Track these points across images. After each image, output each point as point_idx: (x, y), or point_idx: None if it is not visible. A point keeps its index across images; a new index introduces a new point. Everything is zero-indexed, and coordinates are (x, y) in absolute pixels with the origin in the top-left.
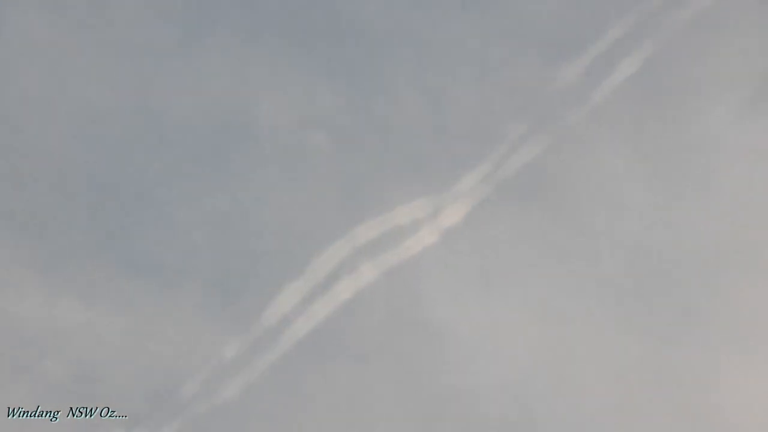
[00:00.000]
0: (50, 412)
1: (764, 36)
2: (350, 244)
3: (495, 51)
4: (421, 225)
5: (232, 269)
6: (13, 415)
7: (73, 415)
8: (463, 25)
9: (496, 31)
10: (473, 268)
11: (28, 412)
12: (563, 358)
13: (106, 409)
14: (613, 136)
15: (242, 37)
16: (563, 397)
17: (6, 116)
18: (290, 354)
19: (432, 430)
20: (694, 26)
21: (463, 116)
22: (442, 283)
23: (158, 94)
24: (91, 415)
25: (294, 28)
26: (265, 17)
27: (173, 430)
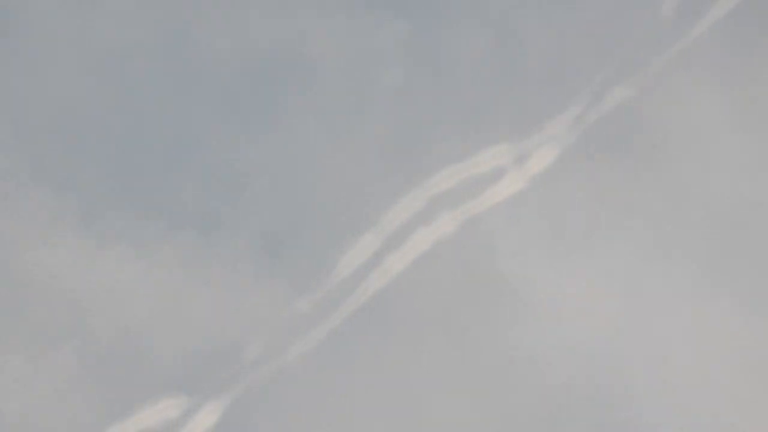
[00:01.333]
0: (96, 373)
1: None
2: (426, 194)
3: None
4: (502, 174)
5: (293, 222)
6: (58, 377)
7: (120, 378)
8: None
9: None
10: (554, 222)
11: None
12: (644, 325)
13: (156, 371)
14: (705, 82)
15: None
16: (641, 363)
17: (35, 60)
18: (360, 312)
19: (500, 390)
20: None
21: (542, 59)
22: (520, 238)
23: (199, 31)
24: (139, 378)
25: None
26: None
27: (232, 394)
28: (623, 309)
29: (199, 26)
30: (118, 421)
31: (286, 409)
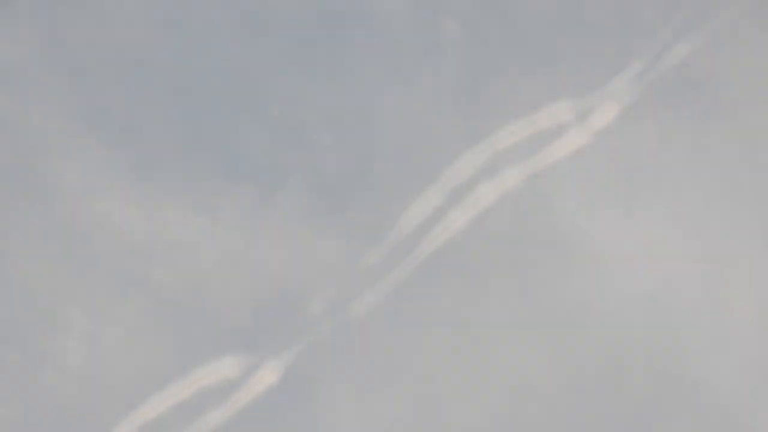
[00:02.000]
0: (158, 329)
1: None
2: (489, 149)
3: None
4: (564, 130)
5: (356, 175)
6: (120, 332)
7: (181, 334)
8: None
9: None
10: (616, 177)
11: (136, 327)
12: (711, 278)
13: (218, 326)
14: None
15: None
16: (703, 314)
17: (98, 7)
18: (424, 265)
19: (563, 340)
20: None
21: (605, 14)
22: (582, 193)
23: None
24: (201, 334)
25: None
26: None
27: (296, 350)
28: (686, 261)
29: None
30: (180, 378)
31: (350, 364)
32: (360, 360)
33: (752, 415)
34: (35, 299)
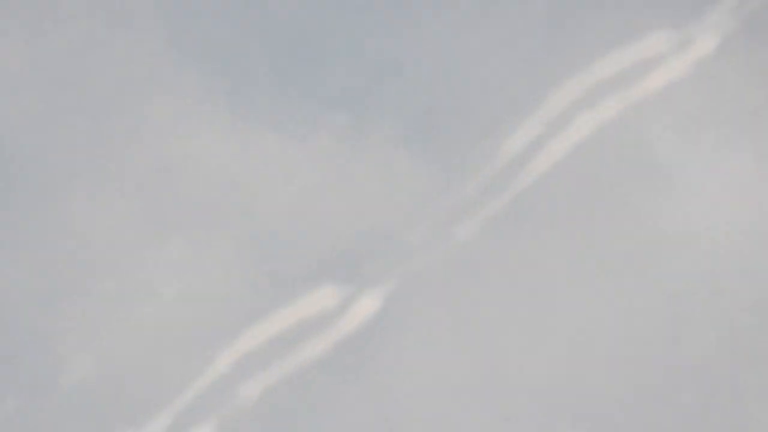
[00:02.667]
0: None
1: None
2: (588, 78)
3: None
4: (664, 60)
5: (453, 105)
6: (217, 261)
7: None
8: None
9: None
10: (714, 108)
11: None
12: None
13: (314, 257)
14: None
15: None
16: None
17: None
18: (522, 196)
19: (655, 269)
20: None
21: None
22: (681, 123)
23: None
24: (297, 264)
25: None
26: None
27: (393, 282)
28: None
29: None
30: (277, 309)
31: (448, 295)
32: (457, 290)
33: None
34: (134, 230)
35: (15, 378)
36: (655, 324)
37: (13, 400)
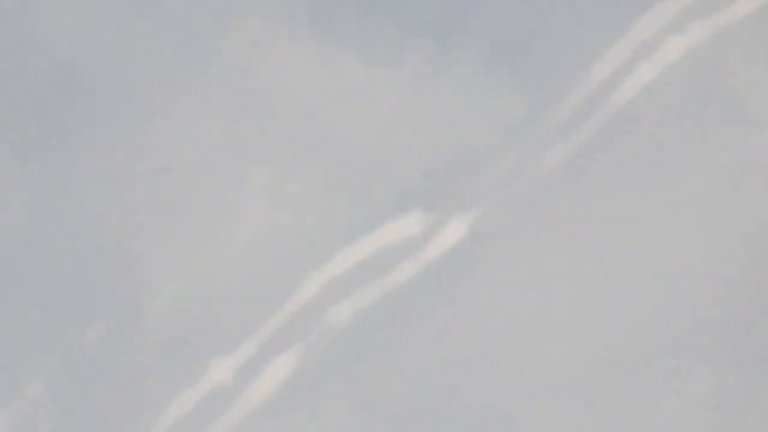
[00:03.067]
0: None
1: None
2: (677, 4)
3: None
4: None
5: (539, 29)
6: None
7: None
8: None
9: None
10: None
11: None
12: None
13: (399, 184)
14: None
15: None
16: None
17: None
18: (612, 121)
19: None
20: None
21: None
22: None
23: None
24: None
25: None
26: None
27: (480, 208)
28: None
29: None
30: (365, 235)
31: (534, 222)
32: (546, 217)
33: None
34: (219, 159)
35: (103, 302)
36: (738, 255)
37: (101, 323)
